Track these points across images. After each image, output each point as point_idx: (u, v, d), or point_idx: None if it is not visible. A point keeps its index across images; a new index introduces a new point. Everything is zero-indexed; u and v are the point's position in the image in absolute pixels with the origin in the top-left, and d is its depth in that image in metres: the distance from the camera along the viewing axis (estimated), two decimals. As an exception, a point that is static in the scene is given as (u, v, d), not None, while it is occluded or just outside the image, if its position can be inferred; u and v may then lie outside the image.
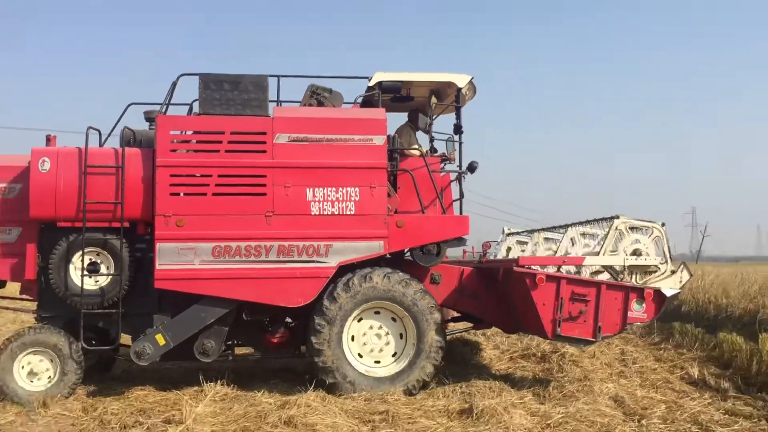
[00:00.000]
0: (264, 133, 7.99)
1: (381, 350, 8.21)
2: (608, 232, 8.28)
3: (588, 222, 9.07)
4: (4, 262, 8.07)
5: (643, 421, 6.66)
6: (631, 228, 8.30)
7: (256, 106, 8.08)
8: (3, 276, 8.17)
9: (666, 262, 8.22)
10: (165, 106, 8.33)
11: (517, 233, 11.45)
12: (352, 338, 8.16)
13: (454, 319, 10.30)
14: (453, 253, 11.90)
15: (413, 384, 8.02)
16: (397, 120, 9.73)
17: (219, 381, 7.99)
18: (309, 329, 8.01)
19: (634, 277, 8.28)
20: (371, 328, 8.21)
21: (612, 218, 8.35)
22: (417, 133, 9.51)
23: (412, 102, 9.62)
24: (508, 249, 11.34)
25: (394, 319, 8.24)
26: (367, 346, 8.19)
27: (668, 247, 8.27)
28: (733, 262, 62.95)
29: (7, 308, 9.76)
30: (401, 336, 8.24)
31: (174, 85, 8.33)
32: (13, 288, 9.02)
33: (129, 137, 8.50)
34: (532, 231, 11.05)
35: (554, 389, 7.89)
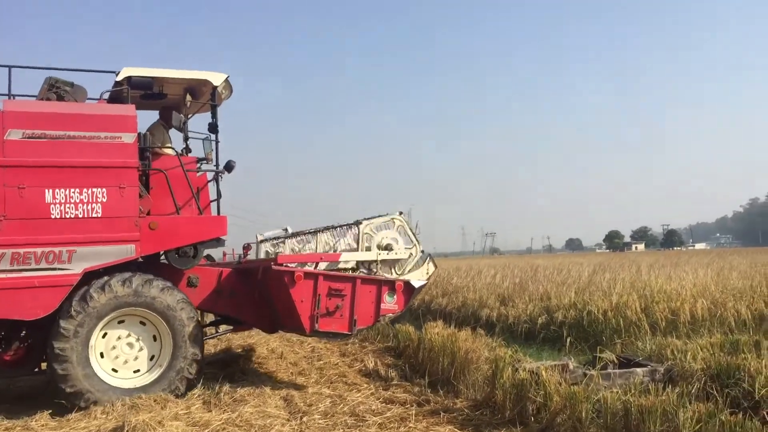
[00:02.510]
0: None
1: (135, 359, 7.78)
2: (358, 235, 8.62)
3: (334, 227, 9.33)
4: None
5: (305, 418, 6.74)
6: (376, 227, 8.71)
7: None
8: None
9: (414, 245, 8.75)
10: None
11: (272, 239, 11.52)
12: (101, 352, 7.62)
13: (213, 323, 10.10)
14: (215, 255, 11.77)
15: (187, 371, 7.77)
16: (149, 118, 9.31)
17: None
18: (49, 345, 7.35)
19: (392, 270, 8.71)
20: (121, 337, 7.74)
21: (355, 224, 8.71)
22: (171, 132, 9.16)
23: (165, 99, 9.20)
24: (267, 253, 11.37)
25: (144, 324, 7.83)
26: (119, 357, 7.71)
27: (412, 231, 8.81)
28: (442, 258, 70.84)
29: None
30: (155, 340, 7.88)
31: None
32: None
33: None
34: (286, 237, 11.18)
35: (226, 395, 7.66)
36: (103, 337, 7.66)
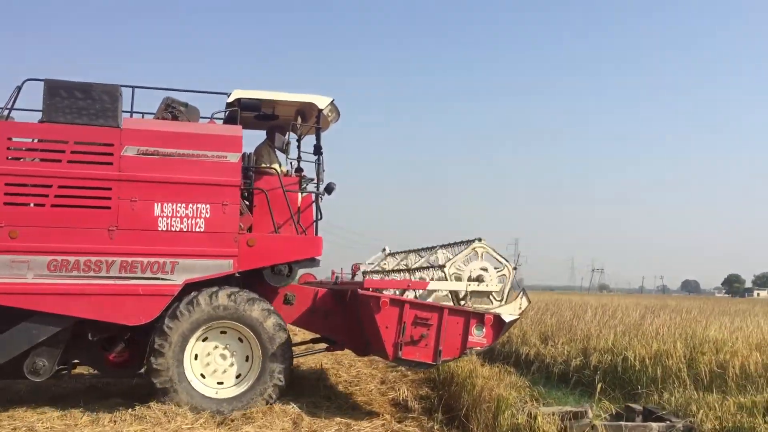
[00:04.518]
0: (111, 145, 7.75)
1: (225, 371, 8.06)
2: (465, 249, 8.44)
3: (453, 245, 9.21)
4: None
5: None
6: (461, 262, 8.46)
7: (106, 116, 7.80)
8: None
9: (502, 300, 8.45)
10: (8, 111, 7.90)
11: (396, 253, 11.52)
12: (195, 358, 7.98)
13: (314, 341, 10.29)
14: (323, 274, 12.02)
15: (278, 377, 7.97)
16: (263, 137, 9.66)
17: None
18: (149, 349, 7.78)
19: (474, 301, 8.50)
20: (215, 348, 8.06)
21: (474, 240, 8.54)
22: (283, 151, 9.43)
23: (277, 120, 9.57)
24: (382, 269, 11.39)
25: (240, 340, 8.13)
26: (211, 366, 8.03)
27: (509, 288, 8.53)
28: (546, 291, 67.27)
29: None
30: (247, 358, 8.13)
31: (18, 89, 7.93)
32: None
33: None
34: (409, 252, 11.11)
35: (239, 411, 7.74)
36: (196, 359, 7.98)
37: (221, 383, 8.04)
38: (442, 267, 8.43)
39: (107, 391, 9.00)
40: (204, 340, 8.02)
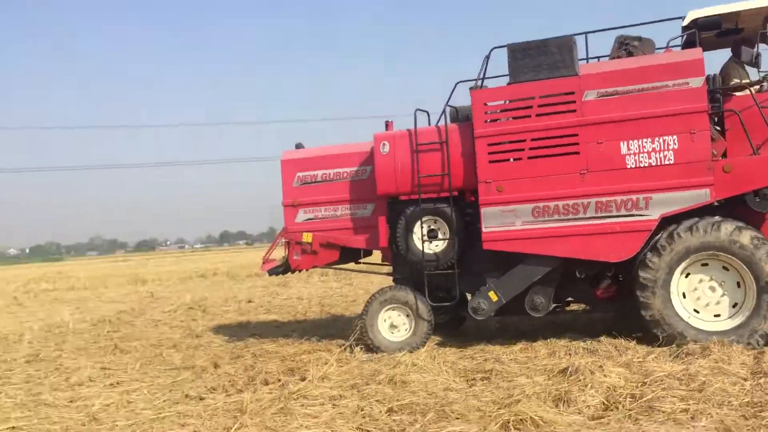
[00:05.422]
0: (572, 93, 8.12)
1: (707, 304, 7.82)
2: None
3: None
4: (363, 233, 9.60)
5: (762, 380, 6.00)
6: None
7: (563, 67, 8.22)
8: (362, 245, 9.70)
9: None
10: (480, 81, 8.93)
11: None
12: (686, 276, 7.88)
13: None
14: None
15: (756, 339, 7.51)
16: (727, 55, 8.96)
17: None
18: (635, 284, 8.00)
19: None
20: (710, 279, 7.84)
21: None
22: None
23: (741, 32, 8.76)
24: None
25: (726, 269, 7.77)
26: (697, 293, 7.87)
27: None
28: None
29: (377, 273, 11.63)
30: (735, 305, 7.73)
31: (487, 58, 8.81)
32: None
33: (453, 114, 9.33)
34: None
35: (696, 345, 7.21)
36: (686, 277, 7.90)
37: (696, 312, 7.84)
38: None
39: (564, 327, 9.58)
40: (703, 265, 7.86)
